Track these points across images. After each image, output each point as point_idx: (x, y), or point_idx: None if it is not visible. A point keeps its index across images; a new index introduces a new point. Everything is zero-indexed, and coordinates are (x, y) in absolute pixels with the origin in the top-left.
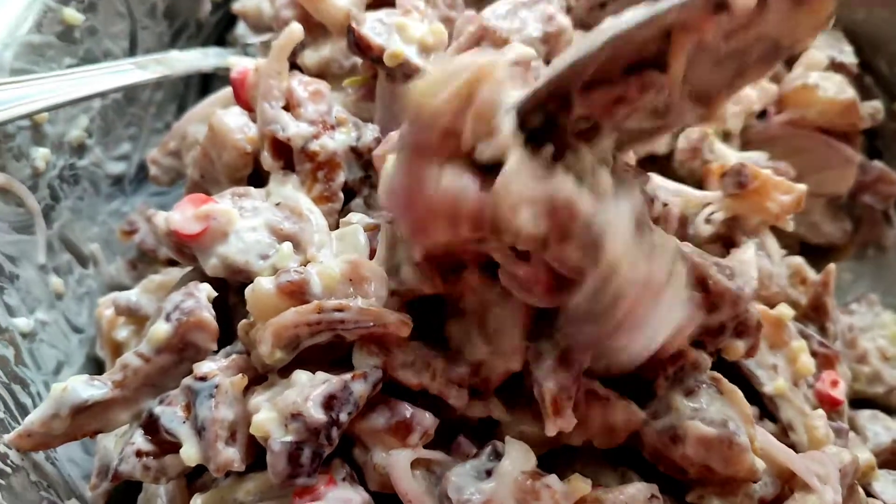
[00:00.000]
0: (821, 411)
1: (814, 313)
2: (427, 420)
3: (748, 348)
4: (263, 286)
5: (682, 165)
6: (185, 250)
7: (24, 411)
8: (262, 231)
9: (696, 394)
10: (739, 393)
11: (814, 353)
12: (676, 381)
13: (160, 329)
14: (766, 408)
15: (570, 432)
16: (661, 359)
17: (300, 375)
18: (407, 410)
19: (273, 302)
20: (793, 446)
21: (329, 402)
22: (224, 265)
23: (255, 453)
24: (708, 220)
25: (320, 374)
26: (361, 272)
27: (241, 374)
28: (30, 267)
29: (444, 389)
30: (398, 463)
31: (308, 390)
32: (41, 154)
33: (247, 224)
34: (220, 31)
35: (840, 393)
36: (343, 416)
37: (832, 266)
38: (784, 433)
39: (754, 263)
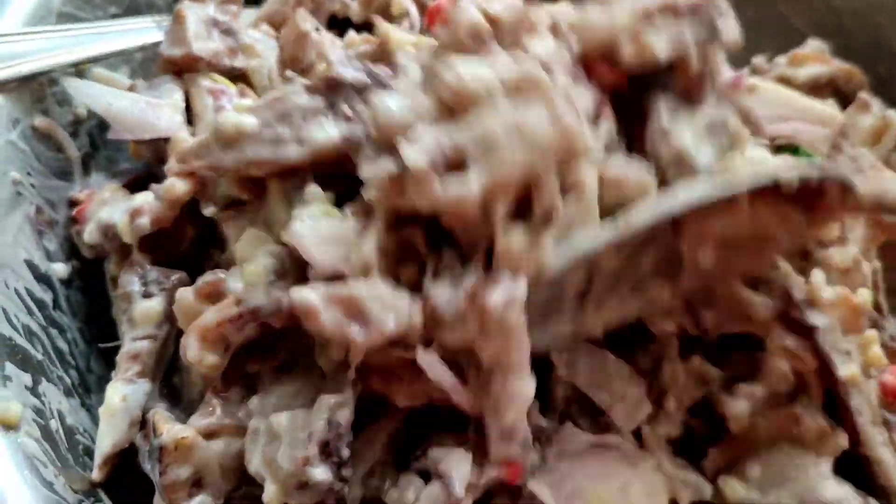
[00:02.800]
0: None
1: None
2: None
3: None
4: (184, 296)
5: None
6: None
7: (62, 357)
8: None
9: None
10: None
11: (883, 346)
12: None
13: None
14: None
15: None
16: None
17: (279, 420)
18: None
19: (194, 308)
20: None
21: (325, 451)
22: None
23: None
24: None
25: (295, 416)
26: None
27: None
28: (68, 214)
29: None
30: None
31: (299, 449)
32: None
33: None
34: None
35: None
36: (344, 453)
37: (877, 264)
38: None
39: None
